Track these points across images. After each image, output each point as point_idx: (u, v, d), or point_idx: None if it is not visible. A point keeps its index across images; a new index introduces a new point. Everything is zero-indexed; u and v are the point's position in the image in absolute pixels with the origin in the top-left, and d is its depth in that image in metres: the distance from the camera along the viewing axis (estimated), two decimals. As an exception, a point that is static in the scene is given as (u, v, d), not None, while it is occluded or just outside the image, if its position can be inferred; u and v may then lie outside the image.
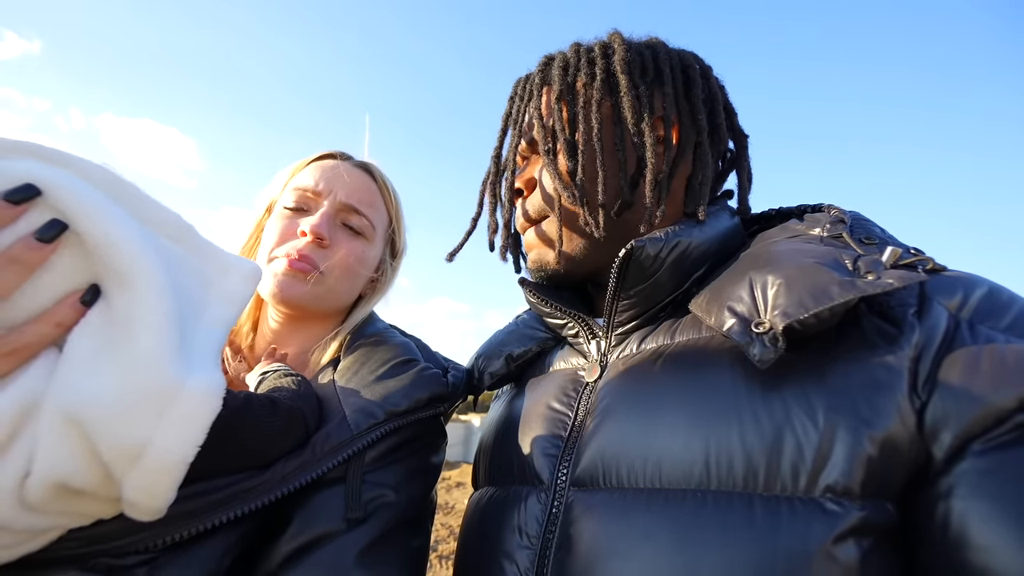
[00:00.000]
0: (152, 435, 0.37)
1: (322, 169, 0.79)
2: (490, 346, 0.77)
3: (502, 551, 0.55)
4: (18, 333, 0.37)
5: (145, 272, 0.39)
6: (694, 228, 0.59)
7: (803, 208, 0.63)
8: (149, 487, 0.38)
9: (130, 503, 0.39)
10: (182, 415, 0.39)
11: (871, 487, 0.41)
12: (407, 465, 0.65)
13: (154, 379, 0.38)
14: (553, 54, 0.67)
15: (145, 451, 0.37)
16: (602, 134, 0.60)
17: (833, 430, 0.42)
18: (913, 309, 0.45)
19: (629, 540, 0.46)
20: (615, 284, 0.60)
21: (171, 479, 0.39)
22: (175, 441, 0.38)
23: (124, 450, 0.37)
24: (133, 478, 0.38)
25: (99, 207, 0.39)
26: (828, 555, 0.39)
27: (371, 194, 0.81)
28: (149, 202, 0.44)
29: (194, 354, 0.41)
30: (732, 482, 0.44)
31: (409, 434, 0.65)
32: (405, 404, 0.64)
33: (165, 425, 0.38)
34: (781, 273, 0.48)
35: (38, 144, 0.41)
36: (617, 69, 0.61)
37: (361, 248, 0.78)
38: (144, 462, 0.37)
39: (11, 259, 0.36)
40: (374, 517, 0.58)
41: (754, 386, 0.47)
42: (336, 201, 0.76)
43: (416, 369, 0.69)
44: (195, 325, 0.44)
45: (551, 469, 0.56)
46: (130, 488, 0.38)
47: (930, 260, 0.47)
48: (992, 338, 0.42)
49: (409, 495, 0.63)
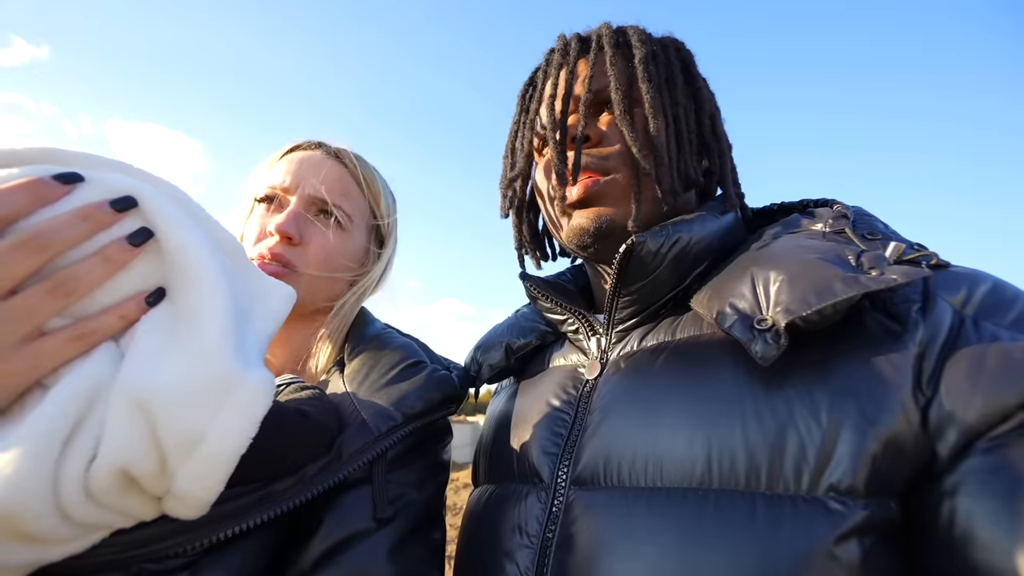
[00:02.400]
0: (211, 423, 0.40)
1: (290, 163, 0.77)
2: (489, 338, 0.77)
3: (502, 550, 0.55)
4: (89, 320, 0.41)
5: (212, 275, 0.43)
6: (694, 223, 0.58)
7: (805, 203, 0.62)
8: (204, 476, 0.40)
9: (181, 495, 0.41)
10: (240, 405, 0.41)
11: (875, 485, 0.40)
12: (423, 464, 0.66)
13: (217, 370, 0.41)
14: (599, 29, 0.66)
15: (204, 438, 0.40)
16: (683, 113, 0.62)
17: (837, 428, 0.42)
18: (917, 306, 0.45)
19: (630, 539, 0.46)
20: (615, 280, 0.59)
21: (225, 468, 0.41)
22: (232, 430, 0.41)
23: (185, 436, 0.40)
24: (189, 466, 0.40)
25: (179, 219, 0.44)
26: (831, 554, 0.39)
27: (343, 183, 0.78)
28: (212, 221, 0.50)
29: (248, 353, 0.45)
30: (734, 481, 0.44)
31: (424, 435, 0.67)
32: (420, 406, 0.65)
33: (224, 414, 0.41)
34: (784, 269, 0.48)
35: (128, 163, 0.48)
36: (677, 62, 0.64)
37: (338, 240, 0.76)
38: (202, 449, 0.40)
39: (105, 257, 0.41)
40: (400, 515, 0.60)
41: (756, 384, 0.47)
42: (304, 195, 0.74)
43: (427, 371, 0.69)
44: (246, 329, 0.47)
45: (551, 467, 0.56)
46: (185, 478, 0.40)
47: (934, 255, 0.47)
48: (997, 335, 0.42)
49: (428, 493, 0.65)
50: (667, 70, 0.63)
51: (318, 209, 0.76)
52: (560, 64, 0.64)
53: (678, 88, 0.63)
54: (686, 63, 0.66)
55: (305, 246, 0.73)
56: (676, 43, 0.67)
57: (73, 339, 0.40)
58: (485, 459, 0.70)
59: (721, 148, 0.66)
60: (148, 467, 0.39)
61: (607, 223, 0.60)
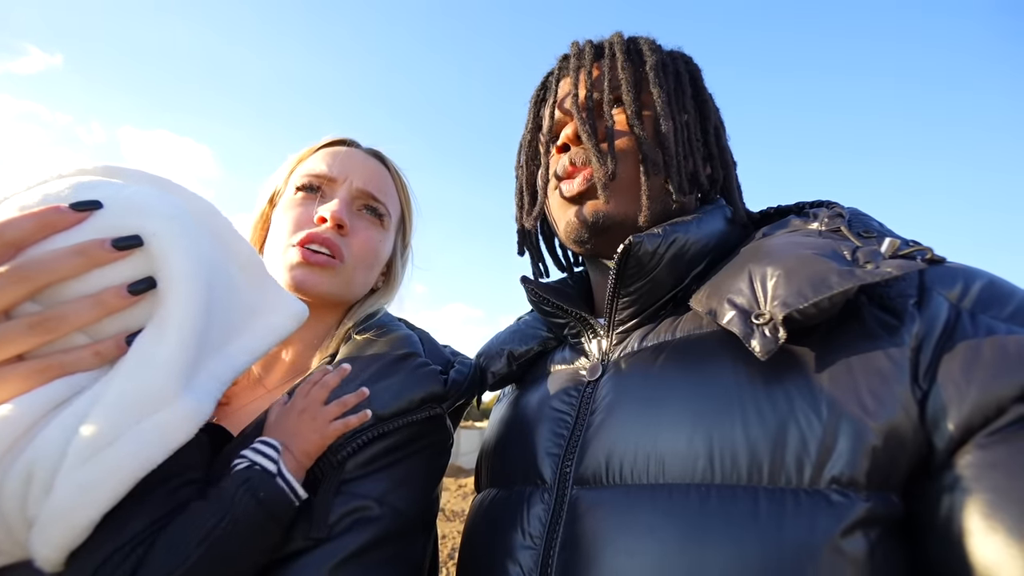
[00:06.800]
0: (122, 434, 0.40)
1: (334, 155, 0.76)
2: (492, 346, 0.77)
3: (505, 552, 0.55)
4: (62, 354, 0.42)
5: (182, 321, 0.43)
6: (691, 225, 0.59)
7: (801, 205, 0.63)
8: (92, 487, 0.39)
9: (58, 511, 0.39)
10: (157, 425, 0.42)
11: (876, 478, 0.40)
12: (398, 471, 0.59)
13: (153, 383, 0.42)
14: (608, 38, 0.69)
15: (110, 445, 0.40)
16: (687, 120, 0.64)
17: (837, 421, 0.42)
18: (913, 300, 0.45)
19: (634, 536, 0.46)
20: (614, 281, 0.60)
21: (119, 482, 0.40)
22: (135, 450, 0.40)
23: (96, 439, 0.39)
24: (81, 472, 0.39)
25: (182, 252, 0.44)
26: (836, 548, 0.39)
27: (385, 181, 0.78)
28: (234, 234, 0.52)
29: (199, 381, 0.46)
30: (736, 476, 0.44)
31: (402, 437, 0.60)
32: (394, 405, 0.59)
33: (137, 430, 0.41)
34: (780, 264, 0.48)
35: (157, 175, 0.49)
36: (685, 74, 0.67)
37: (378, 237, 0.76)
38: (103, 454, 0.40)
39: (99, 301, 0.41)
40: (352, 532, 0.54)
41: (756, 379, 0.47)
42: (353, 187, 0.74)
43: (413, 365, 0.65)
44: (215, 351, 0.48)
45: (554, 468, 0.56)
46: (69, 487, 0.39)
47: (928, 250, 0.47)
48: (994, 328, 0.42)
49: (398, 505, 0.58)
50: (676, 79, 0.65)
51: (362, 204, 0.75)
52: (576, 67, 0.66)
53: (686, 97, 0.65)
54: (694, 75, 0.68)
55: (352, 237, 0.72)
56: (685, 56, 0.69)
57: (37, 371, 0.40)
58: (488, 464, 0.70)
59: (725, 159, 0.67)
60: (45, 474, 0.39)
61: (604, 216, 0.61)
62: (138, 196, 0.45)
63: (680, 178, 0.61)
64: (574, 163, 0.63)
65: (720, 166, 0.67)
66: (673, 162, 0.60)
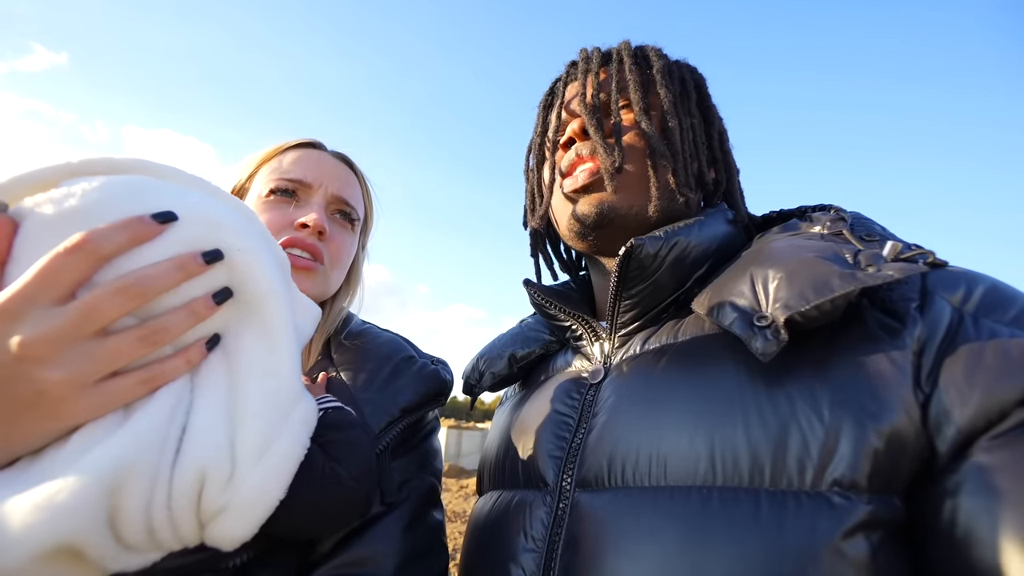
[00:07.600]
0: (279, 432, 0.46)
1: (307, 159, 0.78)
2: (493, 348, 0.78)
3: (508, 555, 0.55)
4: (160, 363, 0.44)
5: (286, 320, 0.48)
6: (693, 228, 0.59)
7: (804, 209, 0.63)
8: (273, 476, 0.45)
9: (241, 505, 0.44)
10: (300, 420, 0.48)
11: (878, 481, 0.40)
12: (420, 452, 0.74)
13: (289, 387, 0.48)
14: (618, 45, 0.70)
15: (275, 442, 0.45)
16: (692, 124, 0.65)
17: (838, 424, 0.42)
18: (915, 303, 0.45)
19: (636, 539, 0.46)
20: (616, 283, 0.60)
21: (289, 471, 0.46)
22: (295, 439, 0.47)
23: (259, 442, 0.45)
24: (258, 470, 0.45)
25: (261, 267, 0.47)
26: (837, 550, 0.39)
27: (354, 187, 0.82)
28: (273, 241, 0.54)
29: None
30: (738, 478, 0.44)
31: (416, 426, 0.74)
32: (416, 400, 0.71)
33: (287, 425, 0.47)
34: (782, 267, 0.48)
35: (210, 183, 0.51)
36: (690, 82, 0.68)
37: (350, 240, 0.80)
38: (272, 450, 0.45)
39: (192, 311, 0.44)
40: (407, 499, 0.67)
41: (758, 382, 0.47)
42: (328, 193, 0.77)
43: (419, 366, 0.75)
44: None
45: (556, 471, 0.56)
46: (251, 482, 0.44)
47: (931, 254, 0.47)
48: (996, 332, 0.42)
49: (428, 477, 0.73)
50: (682, 85, 0.66)
51: (336, 208, 0.79)
52: (584, 71, 0.67)
53: (691, 102, 0.66)
54: (699, 83, 0.69)
55: (328, 242, 0.76)
56: (690, 66, 0.71)
57: (143, 382, 0.43)
58: (490, 467, 0.71)
59: (728, 164, 0.68)
60: (221, 474, 0.43)
61: (609, 208, 0.61)
62: (206, 207, 0.47)
63: (687, 174, 0.62)
64: (580, 155, 0.63)
65: (724, 170, 0.67)
66: (680, 159, 0.61)
